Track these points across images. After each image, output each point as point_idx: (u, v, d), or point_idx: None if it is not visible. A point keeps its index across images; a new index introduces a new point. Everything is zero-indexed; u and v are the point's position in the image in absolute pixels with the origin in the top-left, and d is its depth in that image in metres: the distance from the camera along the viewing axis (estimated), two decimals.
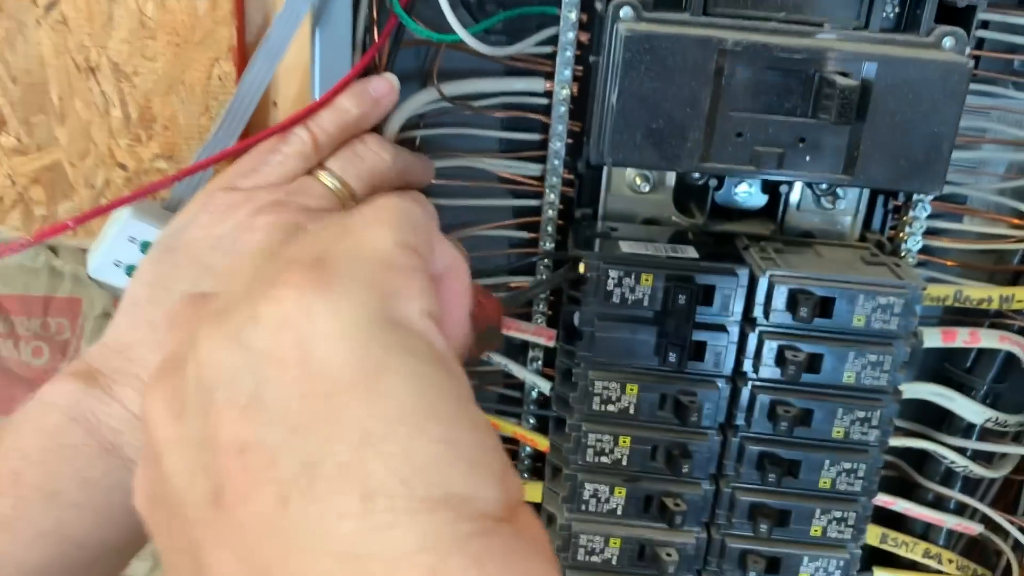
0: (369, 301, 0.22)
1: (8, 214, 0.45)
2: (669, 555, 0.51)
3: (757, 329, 0.48)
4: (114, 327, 0.40)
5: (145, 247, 0.42)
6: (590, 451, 0.50)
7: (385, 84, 0.44)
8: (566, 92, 0.51)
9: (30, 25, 0.42)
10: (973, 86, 0.51)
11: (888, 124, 0.44)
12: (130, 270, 0.43)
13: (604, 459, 0.50)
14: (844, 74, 0.43)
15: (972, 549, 0.60)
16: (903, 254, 0.53)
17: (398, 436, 0.21)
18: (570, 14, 0.49)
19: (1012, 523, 0.56)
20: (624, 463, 0.50)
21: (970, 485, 0.58)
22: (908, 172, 0.45)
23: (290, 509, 0.20)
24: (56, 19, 0.42)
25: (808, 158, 0.45)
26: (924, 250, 0.54)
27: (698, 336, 0.48)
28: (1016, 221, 0.53)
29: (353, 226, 0.24)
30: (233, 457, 0.21)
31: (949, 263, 0.54)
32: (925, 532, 0.58)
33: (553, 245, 0.54)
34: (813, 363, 0.48)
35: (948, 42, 0.45)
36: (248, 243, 0.38)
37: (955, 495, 0.57)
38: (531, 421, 0.57)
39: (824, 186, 0.51)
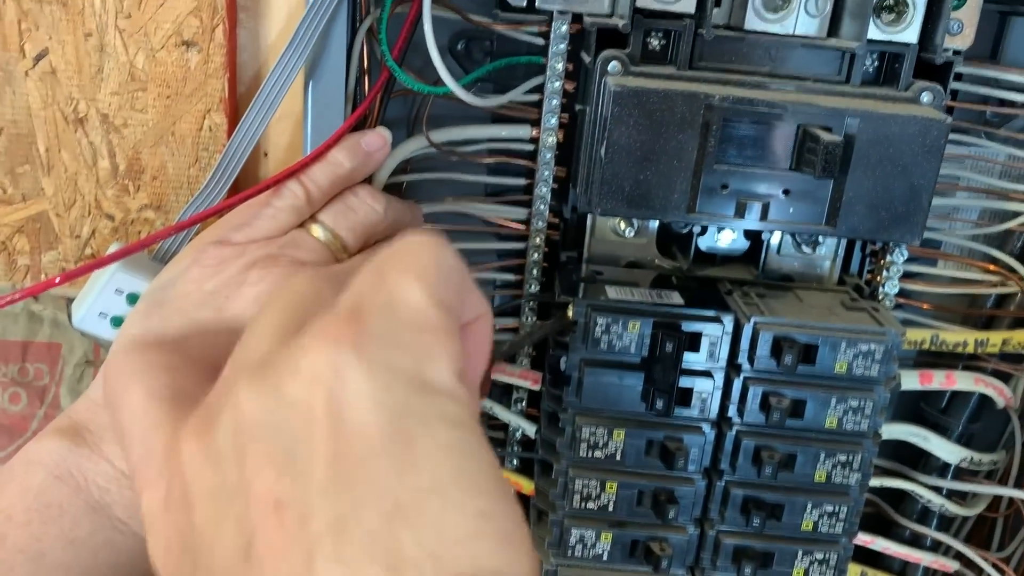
0: (403, 364, 0.22)
1: None
2: None
3: (742, 375, 0.48)
4: (99, 381, 0.40)
5: (133, 299, 0.42)
6: (577, 496, 0.50)
7: (378, 138, 0.45)
8: (552, 139, 0.52)
9: (18, 76, 0.42)
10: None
11: (869, 177, 0.45)
12: (117, 322, 0.42)
13: (591, 504, 0.50)
14: (827, 129, 0.44)
15: None
16: (881, 298, 0.54)
17: (430, 508, 0.21)
18: (557, 64, 0.50)
19: (986, 560, 0.57)
20: (611, 508, 0.50)
21: (945, 522, 0.59)
22: (888, 223, 0.46)
23: (316, 570, 0.20)
24: (44, 70, 0.41)
25: (792, 209, 0.46)
26: (900, 293, 0.55)
27: (684, 382, 0.48)
28: (989, 267, 0.55)
29: (388, 273, 0.24)
30: (267, 512, 0.21)
31: (925, 306, 0.56)
32: (903, 570, 0.59)
33: (538, 288, 0.55)
34: (796, 408, 0.48)
35: (926, 97, 0.47)
36: (240, 298, 0.38)
37: (931, 533, 0.58)
38: (515, 462, 0.57)
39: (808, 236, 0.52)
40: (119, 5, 0.40)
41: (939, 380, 0.54)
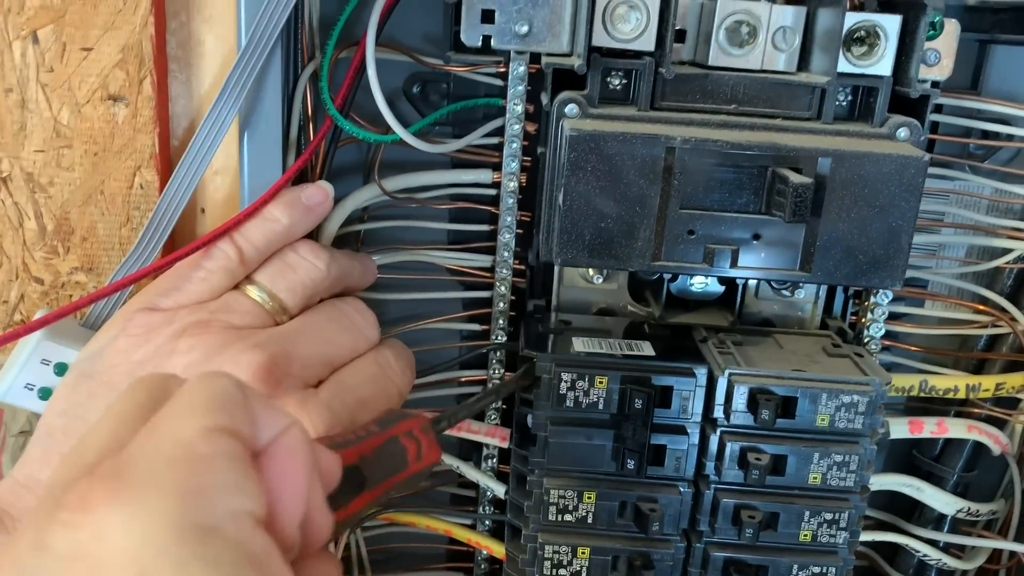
0: (166, 508, 0.20)
1: None
2: None
3: (718, 430, 0.46)
4: (25, 460, 0.37)
5: (61, 369, 0.39)
6: (547, 563, 0.47)
7: (319, 192, 0.42)
8: (514, 184, 0.49)
9: None
10: (929, 170, 0.50)
11: (844, 220, 0.42)
12: (45, 393, 0.39)
13: (563, 572, 0.47)
14: (797, 170, 0.42)
15: None
16: (866, 341, 0.52)
17: None
18: (516, 107, 0.48)
19: None
20: None
21: None
22: (867, 268, 0.43)
23: None
24: None
25: (763, 255, 0.43)
26: (887, 335, 0.52)
27: (657, 439, 0.46)
28: (979, 307, 0.52)
29: (160, 419, 0.22)
30: None
31: (913, 348, 0.53)
32: None
33: (505, 337, 0.52)
34: (777, 465, 0.45)
35: (903, 133, 0.44)
36: (170, 369, 0.36)
37: None
38: (487, 524, 0.54)
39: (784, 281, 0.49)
40: (40, 59, 0.38)
41: (930, 428, 0.51)
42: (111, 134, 0.39)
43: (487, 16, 0.45)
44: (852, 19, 0.43)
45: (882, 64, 0.44)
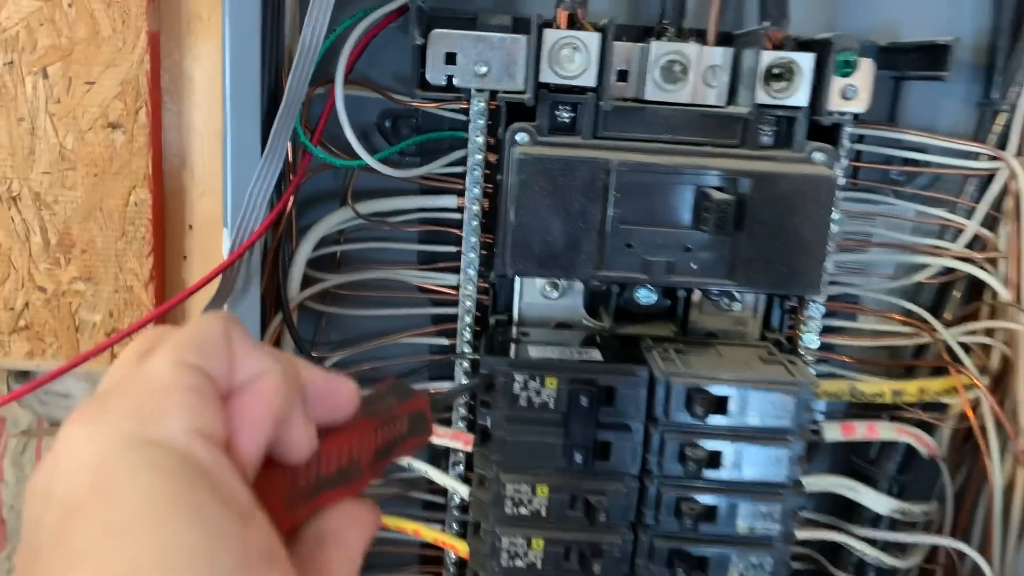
0: (122, 424, 0.23)
1: None
2: None
3: (659, 428, 0.50)
4: None
5: None
6: (504, 555, 0.51)
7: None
8: (476, 208, 0.54)
9: None
10: (855, 195, 0.55)
11: (765, 233, 0.47)
12: None
13: (519, 563, 0.51)
14: (721, 189, 0.47)
15: None
16: (802, 352, 0.56)
17: (122, 549, 0.21)
18: (477, 138, 0.53)
19: None
20: (539, 566, 0.51)
21: (885, 575, 0.59)
22: (787, 276, 0.48)
23: None
24: None
25: (694, 265, 0.48)
26: (824, 347, 0.56)
27: (603, 436, 0.50)
28: (905, 319, 0.56)
29: (145, 358, 0.25)
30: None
31: (846, 359, 0.57)
32: None
33: (471, 350, 0.57)
34: (713, 459, 0.50)
35: (818, 156, 0.49)
36: None
37: None
38: (455, 527, 0.58)
39: (715, 290, 0.54)
40: (49, 92, 0.43)
41: (861, 431, 0.55)
42: (110, 158, 0.44)
43: (450, 58, 0.50)
44: (772, 57, 0.49)
45: (799, 96, 0.49)
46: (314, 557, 0.27)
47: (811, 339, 0.56)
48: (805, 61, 0.49)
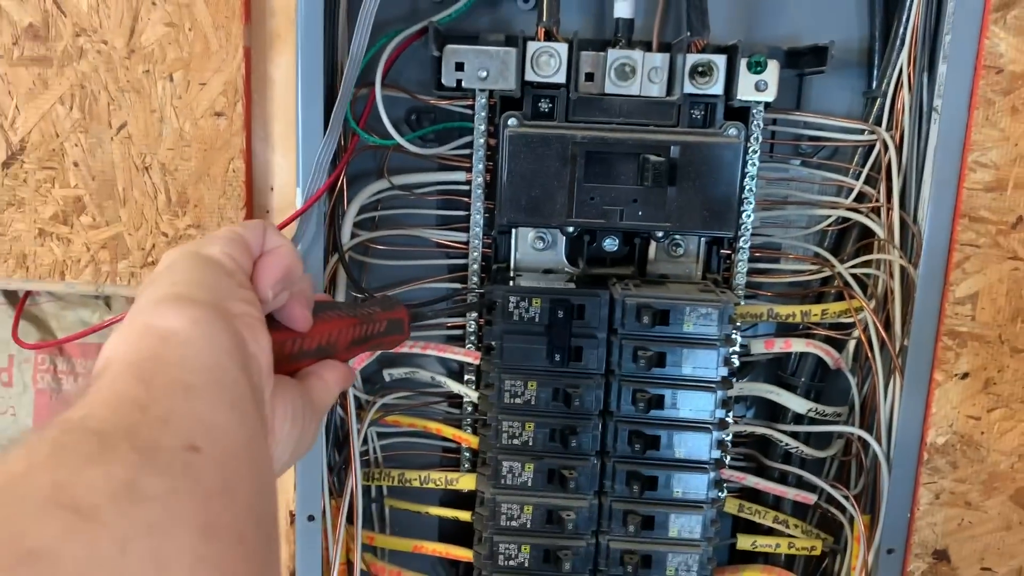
0: (187, 247, 0.40)
1: (83, 271, 0.65)
2: (569, 516, 0.67)
3: (619, 336, 0.66)
4: None
5: None
6: (504, 435, 0.67)
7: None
8: (481, 180, 0.71)
9: (106, 141, 0.63)
10: (772, 164, 0.72)
11: (691, 187, 0.64)
12: None
13: (516, 441, 0.68)
14: (658, 155, 0.64)
15: (824, 520, 0.76)
16: (735, 289, 0.72)
17: (167, 276, 0.38)
18: (480, 126, 0.70)
19: (838, 490, 0.72)
20: (530, 443, 0.68)
21: (812, 465, 0.75)
22: (710, 219, 0.65)
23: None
24: (124, 136, 0.62)
25: (640, 212, 0.65)
26: (753, 286, 0.73)
27: (576, 343, 0.66)
28: (813, 260, 0.73)
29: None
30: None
31: (770, 294, 0.73)
32: (776, 503, 0.75)
33: (478, 292, 0.74)
34: (660, 360, 0.66)
35: (732, 131, 0.66)
36: None
37: (794, 470, 0.74)
38: (469, 427, 0.75)
39: (660, 234, 0.70)
40: (174, 91, 0.61)
41: (779, 345, 0.71)
42: (215, 137, 0.62)
43: (459, 66, 0.68)
44: (696, 59, 0.66)
45: (716, 87, 0.66)
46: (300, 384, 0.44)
47: (742, 277, 0.72)
48: (720, 61, 0.66)
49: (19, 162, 0.63)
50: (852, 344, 0.73)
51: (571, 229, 0.69)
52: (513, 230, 0.71)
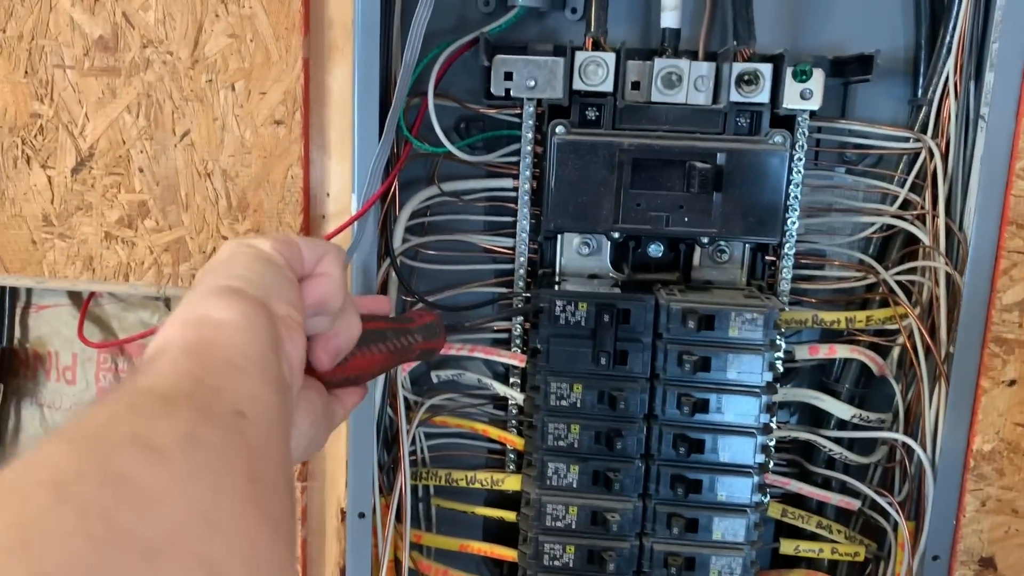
0: (242, 240, 0.43)
1: (146, 274, 0.67)
2: (613, 517, 0.69)
3: (664, 340, 0.67)
4: None
5: None
6: (550, 437, 0.69)
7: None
8: (528, 187, 0.73)
9: (169, 148, 0.65)
10: (817, 172, 0.72)
11: (736, 194, 0.65)
12: None
13: (561, 443, 0.69)
14: (704, 162, 0.65)
15: (867, 526, 0.76)
16: (779, 295, 0.73)
17: (225, 268, 0.41)
18: (528, 134, 0.72)
19: (883, 497, 0.73)
20: (576, 446, 0.69)
21: (855, 472, 0.75)
22: (755, 226, 0.66)
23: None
24: (187, 143, 0.65)
25: (686, 219, 0.66)
26: (797, 292, 0.73)
27: (622, 347, 0.67)
28: (858, 267, 0.73)
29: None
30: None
31: (814, 301, 0.74)
32: (819, 508, 0.75)
33: (524, 296, 0.75)
34: (705, 364, 0.67)
35: (778, 138, 0.67)
36: None
37: (838, 476, 0.74)
38: (515, 428, 0.76)
39: (705, 241, 0.71)
40: (235, 99, 0.64)
41: (823, 351, 0.72)
42: (275, 145, 0.64)
43: (508, 76, 0.69)
44: (742, 67, 0.67)
45: (762, 95, 0.67)
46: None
47: (786, 283, 0.73)
48: (766, 70, 0.67)
49: (87, 168, 0.66)
50: (896, 351, 0.73)
51: (617, 235, 0.70)
52: (559, 236, 0.73)
